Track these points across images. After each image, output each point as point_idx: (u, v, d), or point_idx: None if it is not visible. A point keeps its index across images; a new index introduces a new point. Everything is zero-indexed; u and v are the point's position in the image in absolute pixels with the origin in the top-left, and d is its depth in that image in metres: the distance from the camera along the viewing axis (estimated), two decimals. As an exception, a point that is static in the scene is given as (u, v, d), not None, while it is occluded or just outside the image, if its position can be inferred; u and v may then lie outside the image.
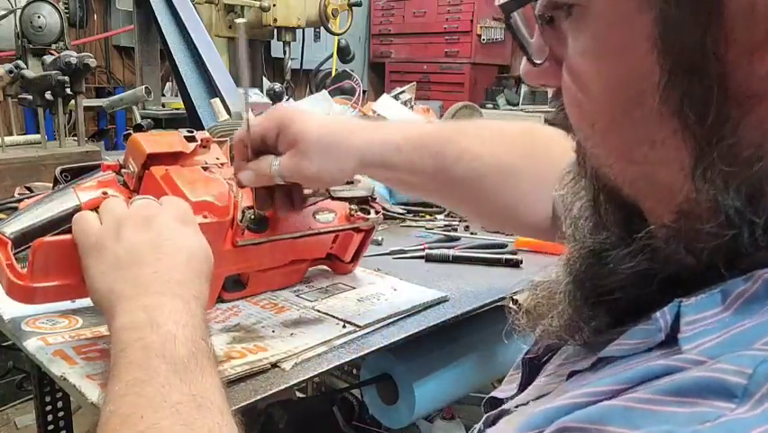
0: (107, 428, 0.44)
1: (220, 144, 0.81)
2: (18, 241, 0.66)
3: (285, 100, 1.72)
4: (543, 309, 0.43)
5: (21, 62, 1.37)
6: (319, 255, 0.89)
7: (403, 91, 1.73)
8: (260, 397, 0.61)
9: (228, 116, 1.35)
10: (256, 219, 0.74)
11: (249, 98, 0.71)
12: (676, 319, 0.30)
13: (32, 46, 2.30)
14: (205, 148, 0.77)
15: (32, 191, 1.10)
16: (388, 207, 1.27)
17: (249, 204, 0.75)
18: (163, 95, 2.64)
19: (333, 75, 2.47)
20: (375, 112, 1.59)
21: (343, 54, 2.83)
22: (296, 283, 0.87)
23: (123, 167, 0.75)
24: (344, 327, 0.74)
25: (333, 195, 0.82)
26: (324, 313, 0.78)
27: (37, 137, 1.46)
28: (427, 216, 1.31)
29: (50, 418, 1.29)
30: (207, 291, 0.58)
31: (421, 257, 1.04)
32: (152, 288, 0.53)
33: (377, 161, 0.71)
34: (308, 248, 0.85)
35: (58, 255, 0.61)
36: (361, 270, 0.93)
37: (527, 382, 0.46)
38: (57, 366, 0.63)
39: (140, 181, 0.73)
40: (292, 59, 2.48)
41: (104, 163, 0.76)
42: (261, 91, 2.01)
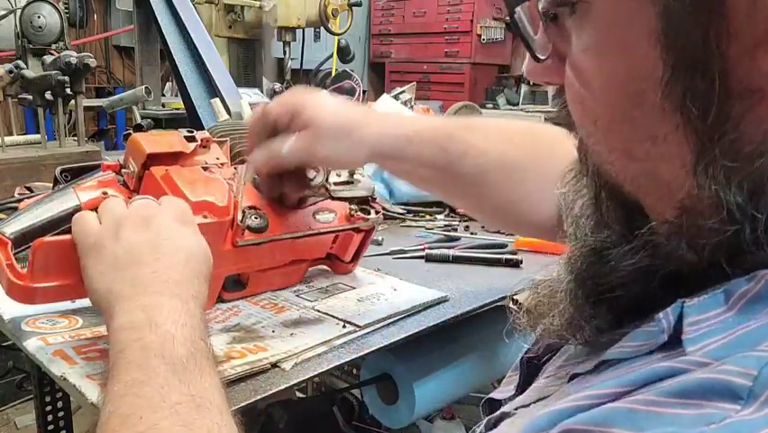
0: (107, 428, 0.44)
1: (220, 144, 0.80)
2: (18, 241, 0.66)
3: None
4: (543, 308, 0.43)
5: (21, 62, 1.37)
6: (319, 255, 0.89)
7: (403, 91, 1.72)
8: (260, 397, 0.61)
9: (228, 116, 1.35)
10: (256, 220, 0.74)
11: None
12: (679, 320, 0.30)
13: (32, 46, 2.30)
14: (205, 148, 0.77)
15: (32, 191, 1.10)
16: (387, 207, 1.27)
17: (249, 204, 0.75)
18: (163, 95, 2.63)
19: (333, 75, 2.47)
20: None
21: (343, 54, 2.83)
22: (296, 283, 0.87)
23: (123, 167, 0.75)
24: (344, 327, 0.74)
25: (334, 195, 0.82)
26: (324, 313, 0.78)
27: (37, 137, 1.45)
28: (427, 216, 1.31)
29: (50, 418, 1.29)
30: (206, 291, 0.58)
31: (421, 257, 1.04)
32: (151, 288, 0.53)
33: (387, 151, 0.71)
34: (308, 248, 0.85)
35: (58, 255, 0.61)
36: (361, 270, 0.93)
37: (526, 383, 0.46)
38: (57, 366, 0.63)
39: (140, 181, 0.73)
40: (292, 59, 2.49)
41: (104, 163, 0.76)
42: (261, 91, 2.01)
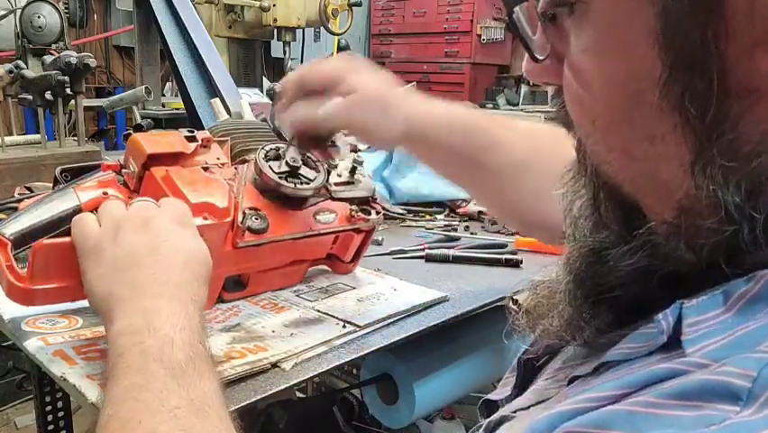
0: (106, 432, 0.44)
1: (221, 144, 0.80)
2: (18, 242, 0.66)
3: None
4: (543, 309, 0.43)
5: (21, 62, 1.37)
6: (319, 256, 0.89)
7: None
8: (260, 397, 0.61)
9: (228, 116, 1.35)
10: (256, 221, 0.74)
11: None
12: (678, 321, 0.30)
13: (32, 46, 2.30)
14: (206, 148, 0.77)
15: (32, 191, 1.10)
16: (388, 207, 1.27)
17: (250, 205, 0.75)
18: (163, 95, 2.63)
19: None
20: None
21: (343, 54, 2.83)
22: (296, 283, 0.87)
23: (124, 167, 0.75)
24: (344, 327, 0.74)
25: (334, 195, 0.82)
26: (324, 313, 0.78)
27: (37, 137, 1.45)
28: (427, 216, 1.31)
29: (50, 418, 1.29)
30: (205, 294, 0.57)
31: (421, 257, 1.04)
32: (150, 291, 0.53)
33: (421, 134, 0.70)
34: (309, 249, 0.85)
35: (57, 258, 0.61)
36: (361, 270, 0.93)
37: (524, 383, 0.46)
38: (57, 366, 0.63)
39: (140, 181, 0.73)
40: (292, 59, 2.49)
41: (104, 163, 0.76)
42: (261, 91, 2.01)
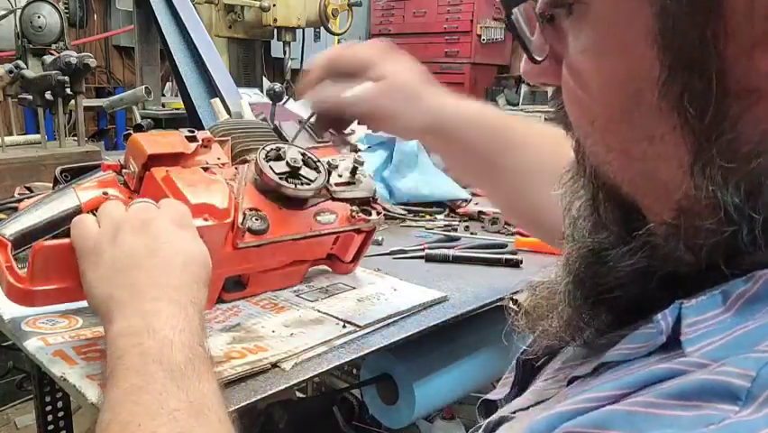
0: None
1: (222, 144, 0.80)
2: (18, 242, 0.66)
3: (284, 101, 1.71)
4: (542, 310, 0.43)
5: (21, 62, 1.36)
6: (320, 256, 0.89)
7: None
8: (260, 397, 0.61)
9: (228, 116, 1.35)
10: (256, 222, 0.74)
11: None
12: (677, 321, 0.30)
13: (32, 46, 2.30)
14: (207, 148, 0.77)
15: (32, 191, 1.10)
16: (388, 207, 1.27)
17: (250, 205, 0.74)
18: (163, 95, 2.63)
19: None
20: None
21: (343, 54, 2.82)
22: (296, 283, 0.87)
23: (124, 167, 0.75)
24: (344, 327, 0.74)
25: (335, 196, 0.81)
26: (324, 313, 0.78)
27: (37, 137, 1.45)
28: (427, 216, 1.31)
29: (50, 418, 1.28)
30: (205, 296, 0.57)
31: (421, 257, 1.04)
32: (149, 293, 0.53)
33: (441, 126, 0.70)
34: (309, 249, 0.85)
35: (57, 259, 0.61)
36: (361, 270, 0.93)
37: (523, 384, 0.46)
38: (57, 366, 0.63)
39: (140, 182, 0.72)
40: (292, 59, 2.49)
41: (104, 163, 0.76)
42: (261, 91, 2.02)
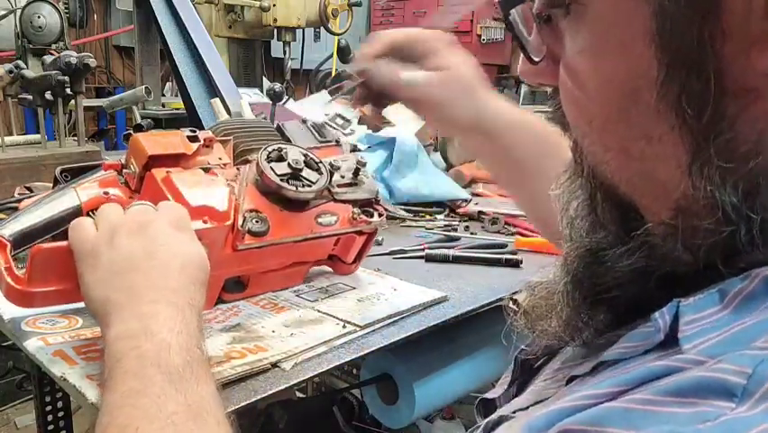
0: None
1: (223, 144, 0.80)
2: (18, 242, 0.66)
3: (284, 101, 1.71)
4: (541, 310, 0.43)
5: (21, 62, 1.36)
6: (321, 257, 0.89)
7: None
8: (260, 397, 0.61)
9: (228, 116, 1.35)
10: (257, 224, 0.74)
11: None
12: (675, 320, 0.30)
13: (32, 46, 2.30)
14: (208, 148, 0.76)
15: (32, 191, 1.10)
16: (388, 207, 1.27)
17: (251, 207, 0.74)
18: (163, 95, 2.63)
19: (333, 75, 2.46)
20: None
21: (343, 54, 2.81)
22: (296, 284, 0.87)
23: (125, 167, 0.75)
24: (344, 327, 0.74)
25: (336, 197, 0.81)
26: (324, 313, 0.78)
27: (37, 137, 1.45)
28: (427, 216, 1.31)
29: (50, 418, 1.29)
30: (203, 298, 0.57)
31: (421, 257, 1.04)
32: (147, 296, 0.53)
33: (487, 126, 0.69)
34: (310, 251, 0.84)
35: (55, 262, 0.61)
36: (361, 270, 0.93)
37: (521, 383, 0.46)
38: (57, 366, 0.63)
39: (141, 181, 0.72)
40: (292, 59, 2.48)
41: (105, 162, 0.76)
42: (261, 91, 2.01)
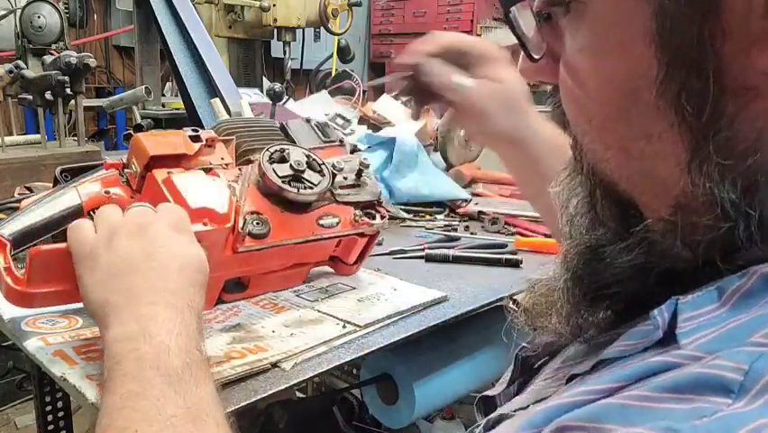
0: None
1: (226, 143, 0.79)
2: (18, 242, 0.66)
3: (284, 101, 1.71)
4: (541, 308, 0.43)
5: (21, 62, 1.36)
6: (322, 258, 0.88)
7: (403, 91, 1.72)
8: (260, 397, 0.61)
9: (228, 116, 1.35)
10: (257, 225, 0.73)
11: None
12: (673, 317, 0.30)
13: (32, 46, 2.30)
14: (210, 147, 0.76)
15: (32, 191, 1.10)
16: (388, 207, 1.27)
17: (252, 209, 0.73)
18: (163, 95, 2.63)
19: (333, 75, 2.47)
20: (375, 112, 1.59)
21: (343, 54, 2.82)
22: (297, 284, 0.87)
23: (127, 166, 0.75)
24: (344, 327, 0.74)
25: (338, 199, 0.81)
26: (324, 313, 0.78)
27: (37, 137, 1.45)
28: (427, 216, 1.31)
29: (50, 418, 1.29)
30: (202, 300, 0.57)
31: (421, 257, 1.04)
32: (146, 298, 0.53)
33: (519, 141, 0.69)
34: (311, 252, 0.84)
35: (54, 263, 0.60)
36: (361, 270, 0.93)
37: (522, 383, 0.46)
38: (57, 366, 0.63)
39: (143, 181, 0.72)
40: (292, 59, 2.48)
41: (107, 162, 0.76)
42: (261, 91, 2.02)
